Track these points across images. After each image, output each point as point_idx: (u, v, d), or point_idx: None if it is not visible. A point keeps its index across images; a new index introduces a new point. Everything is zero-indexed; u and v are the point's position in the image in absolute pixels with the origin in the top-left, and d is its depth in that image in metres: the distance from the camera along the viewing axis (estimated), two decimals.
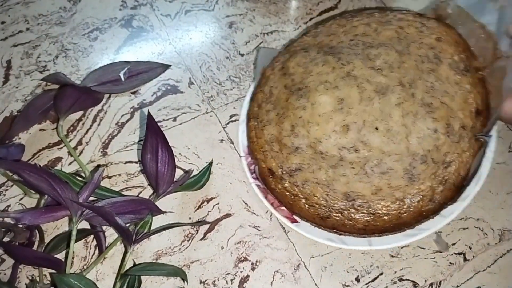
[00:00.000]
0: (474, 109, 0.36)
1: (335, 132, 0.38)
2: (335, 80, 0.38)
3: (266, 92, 0.42)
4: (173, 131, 0.48)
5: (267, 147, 0.40)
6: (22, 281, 0.40)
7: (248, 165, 0.43)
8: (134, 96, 0.50)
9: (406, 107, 0.37)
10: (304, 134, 0.38)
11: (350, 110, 0.37)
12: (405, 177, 0.36)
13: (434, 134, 0.36)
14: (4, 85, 0.51)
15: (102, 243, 0.41)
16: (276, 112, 0.40)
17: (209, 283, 0.40)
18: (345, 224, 0.38)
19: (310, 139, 0.38)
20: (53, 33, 0.55)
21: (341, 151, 0.37)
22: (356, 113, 0.37)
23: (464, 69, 0.37)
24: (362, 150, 0.37)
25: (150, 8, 0.57)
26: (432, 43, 0.38)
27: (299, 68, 0.41)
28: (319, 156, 0.38)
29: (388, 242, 0.39)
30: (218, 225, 0.43)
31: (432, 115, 0.36)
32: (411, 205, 0.36)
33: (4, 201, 0.44)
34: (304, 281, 0.41)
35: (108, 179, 0.45)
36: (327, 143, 0.38)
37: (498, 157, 0.47)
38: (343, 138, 0.37)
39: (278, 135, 0.40)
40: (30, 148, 0.47)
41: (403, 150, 0.37)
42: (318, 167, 0.38)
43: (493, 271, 0.41)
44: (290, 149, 0.39)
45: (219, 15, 0.56)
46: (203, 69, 0.52)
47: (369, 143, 0.37)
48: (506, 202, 0.44)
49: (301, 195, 0.38)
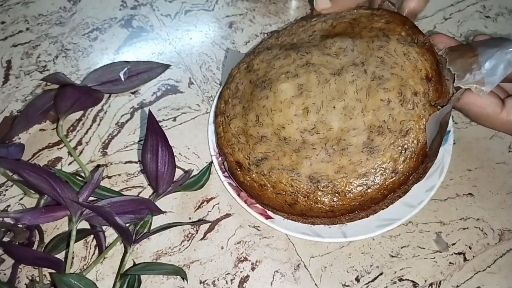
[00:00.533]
0: (424, 75, 0.37)
1: (297, 116, 0.39)
2: (295, 69, 0.40)
3: (232, 88, 0.44)
4: (173, 131, 0.48)
5: (234, 140, 0.41)
6: (22, 281, 0.40)
7: (219, 164, 0.44)
8: (134, 96, 0.50)
9: (359, 83, 0.38)
10: (268, 122, 0.39)
11: (309, 93, 0.39)
12: (365, 151, 0.37)
13: (388, 104, 0.37)
14: (4, 85, 0.51)
15: (102, 243, 0.41)
16: (242, 106, 0.42)
17: (209, 283, 0.40)
18: (313, 208, 0.38)
19: (274, 127, 0.39)
20: (53, 33, 0.55)
21: (303, 134, 0.39)
22: (314, 95, 0.39)
23: (411, 42, 0.39)
24: (322, 130, 0.38)
25: (150, 8, 0.57)
26: (381, 26, 0.40)
27: (262, 64, 0.43)
28: (283, 142, 0.39)
29: (362, 233, 0.40)
30: (218, 225, 0.43)
31: (384, 85, 0.37)
32: (374, 179, 0.37)
33: (4, 201, 0.44)
34: (304, 281, 0.41)
35: (108, 179, 0.45)
36: (289, 128, 0.39)
37: (498, 157, 0.47)
38: (304, 121, 0.39)
39: (244, 127, 0.40)
40: (30, 148, 0.47)
41: (360, 124, 0.37)
42: (282, 153, 0.39)
43: (493, 271, 0.41)
44: (256, 139, 0.40)
45: (219, 15, 0.56)
46: (203, 69, 0.52)
47: (328, 122, 0.38)
48: (506, 202, 0.44)
49: (269, 184, 0.39)
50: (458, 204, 0.44)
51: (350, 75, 0.38)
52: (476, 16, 0.57)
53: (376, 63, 0.38)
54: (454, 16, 0.57)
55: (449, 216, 0.43)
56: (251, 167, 0.40)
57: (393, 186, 0.37)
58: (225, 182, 0.43)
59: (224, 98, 0.44)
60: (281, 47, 0.43)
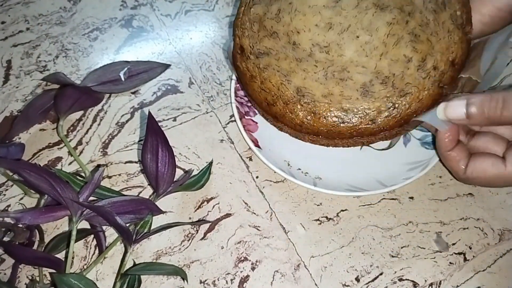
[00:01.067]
0: (452, 58, 0.37)
1: (317, 26, 0.38)
2: None
3: None
4: (173, 131, 0.48)
5: (248, 24, 0.41)
6: (22, 280, 0.40)
7: (236, 89, 0.46)
8: (134, 96, 0.50)
9: (395, 29, 0.37)
10: (287, 21, 0.39)
11: (342, 11, 0.38)
12: (360, 90, 0.37)
13: (407, 62, 0.37)
14: (4, 85, 0.51)
15: (102, 243, 0.41)
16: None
17: (209, 283, 0.40)
18: (286, 116, 0.39)
19: (289, 28, 0.39)
20: (53, 33, 0.55)
21: (313, 47, 0.38)
22: (345, 16, 0.38)
23: (460, 25, 0.38)
24: (333, 52, 0.38)
25: (150, 8, 0.57)
26: None
27: None
28: (290, 46, 0.39)
29: (330, 188, 0.42)
30: (218, 225, 0.43)
31: (414, 44, 0.37)
32: (352, 118, 0.37)
33: (4, 200, 0.44)
34: (304, 281, 0.41)
35: (108, 179, 0.45)
36: (303, 35, 0.39)
37: None
38: (321, 36, 0.38)
39: (262, 16, 0.40)
40: (30, 148, 0.47)
41: (371, 65, 0.37)
42: (284, 56, 0.39)
43: (493, 271, 0.41)
44: (267, 32, 0.40)
45: (219, 15, 0.56)
46: (203, 69, 0.52)
47: (343, 48, 0.38)
48: (506, 202, 0.44)
49: (259, 78, 0.39)
50: (458, 204, 0.44)
51: (391, 16, 0.37)
52: None
53: (421, 21, 0.38)
54: None
55: (449, 216, 0.43)
56: (251, 56, 0.40)
57: (364, 132, 0.38)
58: (233, 104, 0.45)
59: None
60: None
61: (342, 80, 0.37)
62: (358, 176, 0.43)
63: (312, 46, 0.38)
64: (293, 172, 0.43)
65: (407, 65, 0.37)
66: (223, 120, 0.49)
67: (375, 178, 0.43)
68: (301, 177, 0.43)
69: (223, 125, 0.49)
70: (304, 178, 0.43)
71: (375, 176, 0.43)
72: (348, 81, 0.37)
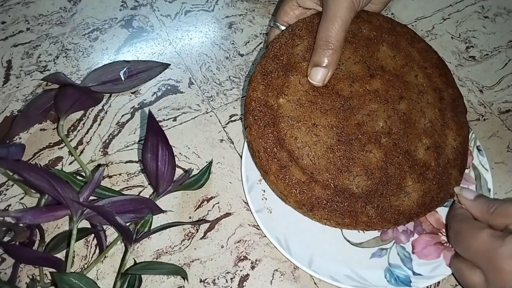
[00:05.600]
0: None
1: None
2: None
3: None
4: (173, 131, 0.48)
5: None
6: (23, 280, 0.40)
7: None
8: (135, 96, 0.50)
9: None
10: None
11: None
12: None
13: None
14: (5, 85, 0.51)
15: (102, 242, 0.41)
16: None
17: (209, 282, 0.41)
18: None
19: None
20: (53, 33, 0.55)
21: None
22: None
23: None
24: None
25: (150, 8, 0.57)
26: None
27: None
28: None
29: (325, 275, 0.39)
30: (218, 224, 0.43)
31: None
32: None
33: (4, 200, 0.44)
34: (303, 280, 0.41)
35: (109, 179, 0.46)
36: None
37: (497, 157, 0.47)
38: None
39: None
40: (30, 148, 0.47)
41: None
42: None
43: None
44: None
45: (219, 16, 0.56)
46: (203, 69, 0.52)
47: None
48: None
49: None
50: None
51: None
52: (475, 17, 0.58)
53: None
54: (453, 17, 0.58)
55: None
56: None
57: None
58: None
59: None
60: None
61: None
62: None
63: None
64: (289, 244, 0.41)
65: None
66: (223, 120, 0.49)
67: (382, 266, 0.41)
68: (296, 250, 0.40)
69: (223, 125, 0.49)
70: (299, 252, 0.40)
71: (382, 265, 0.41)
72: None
